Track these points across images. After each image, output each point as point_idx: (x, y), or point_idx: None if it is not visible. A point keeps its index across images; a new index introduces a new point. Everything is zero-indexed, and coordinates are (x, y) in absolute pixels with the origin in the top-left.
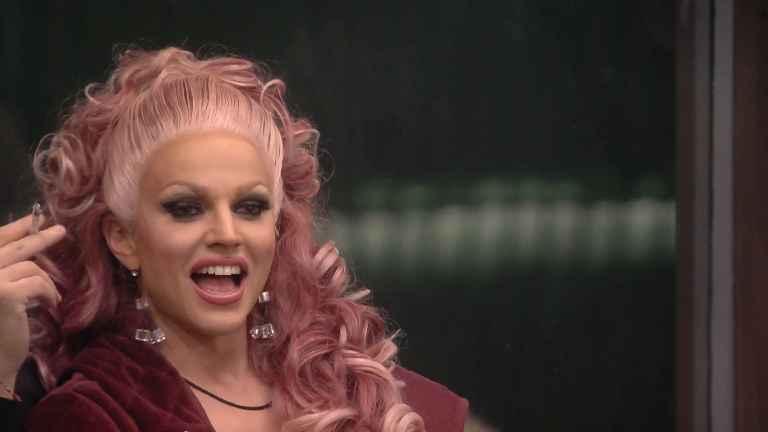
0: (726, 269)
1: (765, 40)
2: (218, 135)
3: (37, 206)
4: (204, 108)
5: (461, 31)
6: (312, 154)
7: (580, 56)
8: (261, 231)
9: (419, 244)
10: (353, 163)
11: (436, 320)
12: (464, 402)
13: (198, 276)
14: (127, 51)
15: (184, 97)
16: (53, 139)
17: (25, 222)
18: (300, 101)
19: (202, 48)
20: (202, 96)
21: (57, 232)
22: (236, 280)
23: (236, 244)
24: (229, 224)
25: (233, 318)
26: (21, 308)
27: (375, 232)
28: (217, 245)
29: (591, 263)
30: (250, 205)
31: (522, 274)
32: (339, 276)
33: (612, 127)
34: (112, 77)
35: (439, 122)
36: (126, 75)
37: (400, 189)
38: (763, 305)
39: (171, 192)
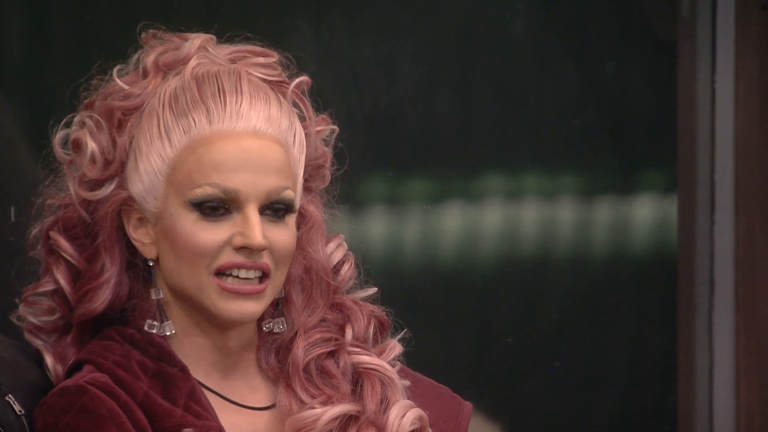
0: (728, 262)
1: (767, 33)
2: (251, 136)
3: None
4: (238, 107)
5: (462, 24)
6: (327, 147)
7: (581, 49)
8: (285, 235)
9: (420, 237)
10: (354, 156)
11: (438, 314)
12: (468, 405)
13: (221, 275)
14: (150, 30)
15: (217, 92)
16: (75, 119)
17: None
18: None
19: (228, 35)
20: (236, 93)
21: None
22: (259, 280)
23: (263, 249)
24: (258, 229)
25: (253, 308)
26: None
27: (376, 226)
28: (244, 248)
29: (593, 257)
30: (276, 208)
31: (523, 267)
32: (347, 270)
33: (614, 121)
34: (135, 57)
35: (441, 115)
36: (151, 58)
37: (402, 182)
38: (765, 298)
39: (202, 192)
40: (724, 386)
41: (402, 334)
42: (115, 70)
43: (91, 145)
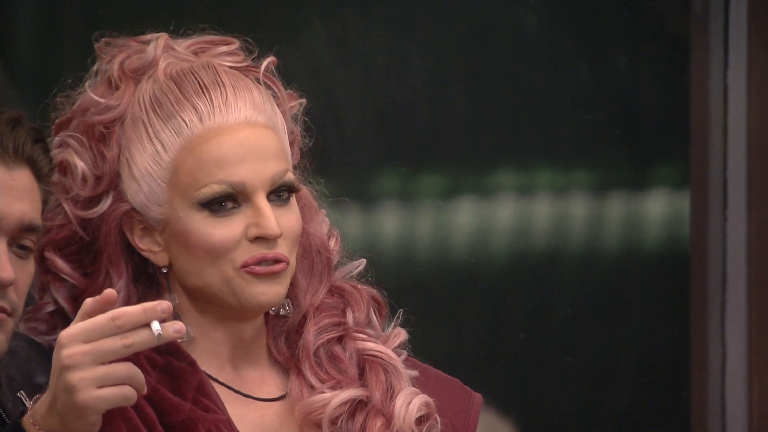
0: (740, 258)
1: None
2: (244, 126)
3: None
4: (224, 99)
5: (475, 19)
6: (296, 124)
7: (594, 44)
8: (293, 218)
9: (433, 233)
10: (367, 152)
11: (450, 309)
12: (478, 396)
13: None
14: (102, 39)
15: (200, 88)
16: (55, 141)
17: (148, 310)
18: (314, 89)
19: (182, 31)
20: (218, 86)
21: (177, 333)
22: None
23: (279, 236)
24: (272, 218)
25: (276, 289)
26: (96, 418)
27: (389, 221)
28: (260, 238)
29: (605, 252)
30: (280, 192)
31: (536, 263)
32: (334, 245)
33: (626, 116)
34: (95, 67)
35: (453, 111)
36: (116, 66)
37: (414, 178)
38: None
39: (209, 191)
40: (737, 381)
41: (398, 316)
42: (87, 84)
43: (80, 164)
